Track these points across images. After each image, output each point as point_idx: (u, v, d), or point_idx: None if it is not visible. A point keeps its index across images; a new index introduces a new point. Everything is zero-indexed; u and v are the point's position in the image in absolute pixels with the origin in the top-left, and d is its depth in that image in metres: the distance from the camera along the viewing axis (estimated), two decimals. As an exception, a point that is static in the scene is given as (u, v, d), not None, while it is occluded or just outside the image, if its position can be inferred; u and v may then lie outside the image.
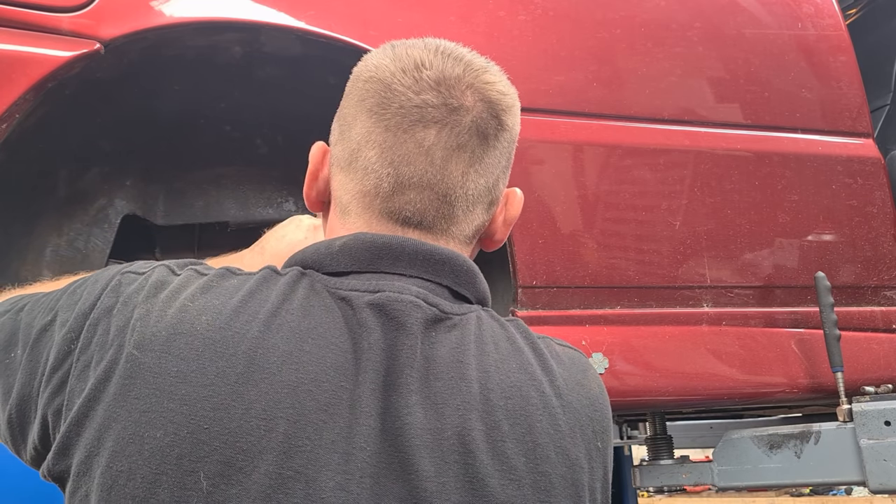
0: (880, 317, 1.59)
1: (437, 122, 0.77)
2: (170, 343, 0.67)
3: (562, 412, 0.74)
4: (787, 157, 1.56)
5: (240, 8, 1.27)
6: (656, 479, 1.68)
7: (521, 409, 0.71)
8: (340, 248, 0.76)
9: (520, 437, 0.70)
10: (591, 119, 1.45)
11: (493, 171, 0.82)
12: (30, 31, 1.16)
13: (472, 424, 0.68)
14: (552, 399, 0.74)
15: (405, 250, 0.76)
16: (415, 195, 0.78)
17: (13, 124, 1.15)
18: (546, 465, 0.70)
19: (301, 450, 0.64)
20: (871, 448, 1.40)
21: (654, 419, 1.85)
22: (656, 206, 1.47)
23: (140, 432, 0.63)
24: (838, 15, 1.67)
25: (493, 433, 0.69)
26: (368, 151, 0.78)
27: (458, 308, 0.77)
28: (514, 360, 0.75)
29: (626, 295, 1.43)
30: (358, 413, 0.67)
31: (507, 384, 0.72)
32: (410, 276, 0.76)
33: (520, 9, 1.43)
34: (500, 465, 0.68)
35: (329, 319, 0.71)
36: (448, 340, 0.73)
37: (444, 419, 0.68)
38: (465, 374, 0.71)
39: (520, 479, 0.68)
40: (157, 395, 0.64)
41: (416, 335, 0.71)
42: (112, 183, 1.47)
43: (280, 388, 0.65)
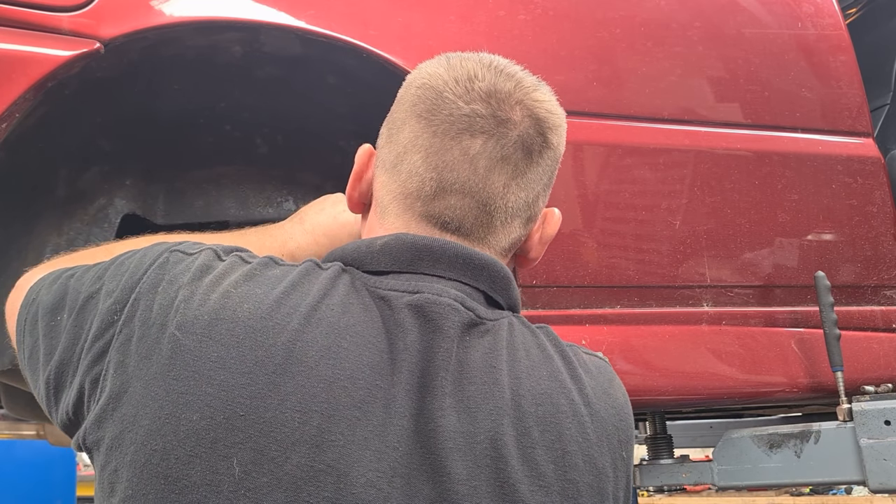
0: (880, 316, 1.59)
1: (485, 132, 0.78)
2: (211, 328, 0.68)
3: (590, 421, 0.75)
4: (787, 156, 1.56)
5: (240, 8, 1.27)
6: (656, 478, 1.68)
7: (552, 417, 0.72)
8: (381, 248, 0.77)
9: (549, 445, 0.71)
10: (591, 118, 1.45)
11: (535, 187, 0.83)
12: (29, 31, 1.16)
13: (504, 430, 0.69)
14: (581, 408, 0.75)
15: (445, 252, 0.77)
16: (455, 201, 0.79)
17: (13, 124, 1.15)
18: (574, 473, 0.71)
19: (333, 444, 0.64)
20: (871, 447, 1.40)
21: (654, 418, 1.86)
22: (656, 206, 1.47)
23: (177, 413, 0.64)
24: (838, 14, 1.67)
25: (523, 439, 0.70)
26: (414, 155, 0.80)
27: (491, 314, 0.78)
28: (544, 368, 0.76)
29: (625, 294, 1.43)
30: (392, 412, 0.67)
31: (537, 391, 0.73)
32: (449, 279, 0.77)
33: (520, 8, 1.43)
34: (530, 471, 0.69)
35: (367, 318, 0.72)
36: (481, 345, 0.74)
37: (477, 423, 0.69)
38: (498, 380, 0.72)
39: (549, 485, 0.69)
40: (195, 378, 0.66)
41: (453, 339, 0.72)
42: (112, 182, 1.47)
43: (316, 382, 0.66)
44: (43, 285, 0.84)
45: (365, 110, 1.52)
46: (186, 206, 1.53)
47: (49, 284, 0.83)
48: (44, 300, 0.81)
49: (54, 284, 0.82)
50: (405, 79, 0.87)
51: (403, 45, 1.33)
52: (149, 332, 0.69)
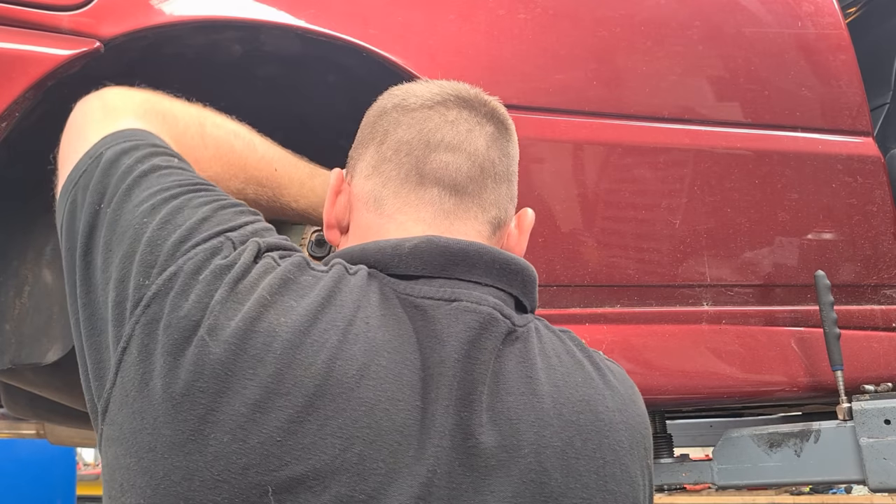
0: (880, 315, 1.59)
1: (458, 106, 0.83)
2: (245, 339, 0.62)
3: (623, 429, 0.73)
4: (787, 155, 1.56)
5: (240, 7, 1.27)
6: (656, 477, 1.68)
7: (592, 425, 0.70)
8: (411, 251, 0.74)
9: (591, 454, 0.69)
10: (590, 118, 1.45)
11: (510, 163, 0.85)
12: (29, 30, 1.16)
13: (548, 441, 0.67)
14: (615, 415, 0.73)
15: (482, 257, 0.75)
16: (446, 156, 0.80)
17: (13, 123, 1.15)
18: (613, 484, 0.69)
19: (375, 472, 0.61)
20: (870, 446, 1.40)
21: (654, 418, 1.85)
22: (656, 205, 1.47)
23: (204, 431, 0.59)
24: (838, 13, 1.67)
25: (567, 450, 0.68)
26: (397, 131, 0.82)
27: (521, 319, 0.76)
28: (578, 374, 0.74)
29: (625, 294, 1.43)
30: (431, 433, 0.64)
31: (576, 399, 0.71)
32: (486, 285, 0.74)
33: (520, 7, 1.43)
34: (574, 482, 0.67)
35: (402, 332, 0.68)
36: (514, 354, 0.71)
37: (520, 436, 0.66)
38: (536, 390, 0.69)
39: (591, 497, 0.67)
40: (226, 393, 0.60)
41: (491, 351, 0.69)
42: (112, 182, 1.47)
43: (357, 405, 0.62)
44: (115, 155, 0.77)
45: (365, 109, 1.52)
46: (186, 206, 1.53)
47: (120, 160, 0.76)
48: (109, 183, 0.74)
49: (124, 165, 0.76)
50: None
51: (403, 45, 1.33)
52: (179, 323, 0.63)
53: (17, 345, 1.33)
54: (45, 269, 1.39)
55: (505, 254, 0.77)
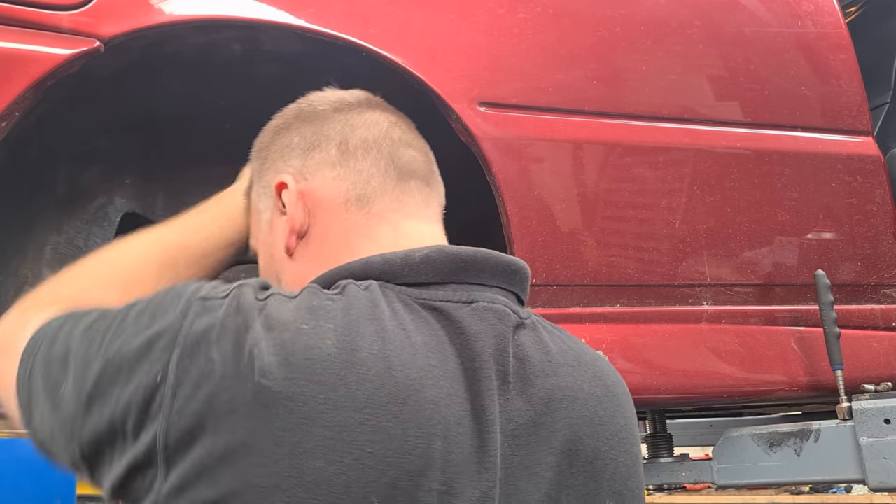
0: (880, 315, 1.59)
1: (382, 108, 0.92)
2: (305, 370, 0.64)
3: (626, 399, 0.83)
4: (787, 155, 1.56)
5: (239, 6, 1.27)
6: (656, 476, 1.69)
7: (606, 396, 0.79)
8: (423, 260, 0.77)
9: (610, 421, 0.77)
10: (590, 117, 1.45)
11: (429, 154, 0.94)
12: (29, 30, 1.16)
13: (578, 413, 0.74)
14: (619, 387, 0.83)
15: (489, 262, 0.80)
16: (410, 150, 0.88)
17: (13, 122, 1.15)
18: (629, 445, 0.78)
19: (452, 464, 0.65)
20: (870, 446, 1.40)
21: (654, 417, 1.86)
22: (656, 205, 1.47)
23: (298, 464, 0.61)
24: (838, 13, 1.67)
25: (594, 419, 0.75)
26: (357, 131, 0.88)
27: (524, 312, 0.81)
28: (584, 354, 0.82)
29: (625, 293, 1.43)
30: (484, 423, 0.69)
31: (591, 374, 0.79)
32: (493, 287, 0.79)
33: (520, 7, 1.43)
34: (603, 446, 0.75)
35: (435, 333, 0.72)
36: (529, 342, 0.77)
37: (554, 413, 0.73)
38: (558, 371, 0.76)
39: (617, 458, 0.75)
40: (307, 424, 0.62)
41: (510, 341, 0.75)
42: (112, 181, 1.47)
43: (426, 404, 0.66)
44: (46, 339, 0.76)
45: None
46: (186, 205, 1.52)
47: (55, 341, 0.75)
48: (56, 358, 0.72)
49: (61, 342, 0.74)
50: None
51: (403, 44, 1.33)
52: (220, 386, 0.63)
53: (17, 344, 1.33)
54: (44, 268, 1.39)
55: (505, 257, 0.82)
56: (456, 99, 1.34)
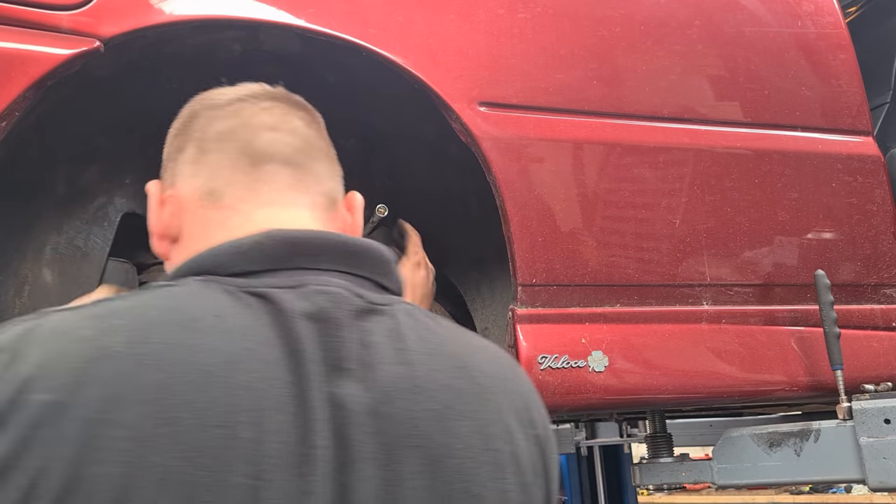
0: (880, 315, 1.59)
1: (268, 98, 0.87)
2: (83, 373, 0.57)
3: (502, 392, 0.73)
4: (787, 155, 1.56)
5: (239, 6, 1.27)
6: (656, 476, 1.69)
7: (470, 389, 0.70)
8: (252, 247, 0.72)
9: (472, 415, 0.68)
10: (590, 117, 1.45)
11: (330, 147, 0.88)
12: (29, 29, 1.16)
13: (423, 405, 0.66)
14: (493, 380, 0.73)
15: (326, 244, 0.74)
16: (271, 134, 0.82)
17: (13, 122, 1.15)
18: (496, 443, 0.69)
19: (265, 455, 0.58)
20: (870, 446, 1.40)
21: (654, 417, 1.86)
22: (656, 204, 1.47)
23: (84, 474, 0.54)
24: (838, 13, 1.67)
25: (446, 412, 0.67)
26: (214, 124, 0.84)
27: (384, 299, 0.74)
28: (452, 345, 0.74)
29: (625, 293, 1.43)
30: (306, 409, 0.62)
31: (452, 365, 0.71)
32: (332, 271, 0.73)
33: (520, 6, 1.43)
34: (457, 442, 0.66)
35: (256, 317, 0.66)
36: (380, 328, 0.70)
37: (394, 403, 0.65)
38: (409, 359, 0.69)
39: (475, 456, 0.67)
40: (92, 426, 0.56)
41: (349, 325, 0.68)
42: (112, 181, 1.47)
43: (235, 389, 0.60)
44: None
45: (365, 109, 1.52)
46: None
47: None
48: None
49: None
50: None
51: (403, 44, 1.33)
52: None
53: (17, 344, 1.33)
54: (44, 268, 1.39)
55: (349, 238, 0.76)
56: (456, 99, 1.34)
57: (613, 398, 1.39)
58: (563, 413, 1.50)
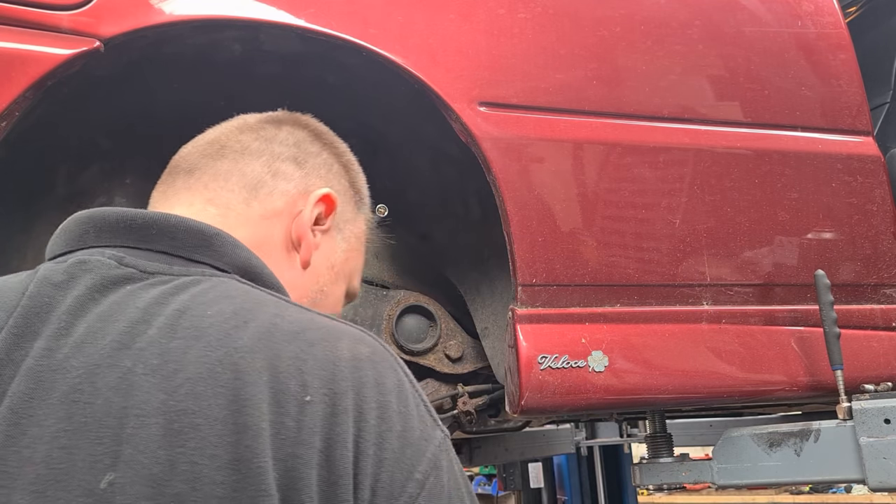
0: (880, 315, 1.59)
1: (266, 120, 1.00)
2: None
3: (265, 369, 0.63)
4: (787, 155, 1.56)
5: (240, 6, 1.27)
6: (656, 476, 1.69)
7: (222, 366, 0.61)
8: (59, 231, 0.75)
9: (209, 396, 0.61)
10: (590, 117, 1.45)
11: (267, 146, 0.92)
12: (29, 29, 1.16)
13: (132, 381, 0.61)
14: (253, 355, 0.63)
15: (107, 219, 0.74)
16: (185, 149, 0.92)
17: (13, 122, 1.15)
18: (244, 417, 0.60)
19: None
20: (870, 446, 1.40)
21: (654, 417, 1.85)
22: (656, 204, 1.47)
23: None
24: (838, 13, 1.67)
25: (200, 383, 0.60)
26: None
27: (171, 269, 0.70)
28: (218, 320, 0.65)
29: (625, 293, 1.43)
30: (15, 358, 0.63)
31: (213, 343, 0.63)
32: (116, 246, 0.71)
33: (520, 6, 1.43)
34: (189, 426, 0.59)
35: (10, 286, 0.69)
36: (131, 298, 0.66)
37: (99, 376, 0.61)
38: (148, 331, 0.63)
39: (222, 434, 0.59)
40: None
41: (97, 289, 0.67)
42: (112, 180, 1.47)
43: None
44: None
45: (365, 109, 1.52)
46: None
47: None
48: None
49: None
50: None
51: (403, 44, 1.33)
52: None
53: (17, 344, 1.33)
54: (44, 268, 1.39)
55: (135, 212, 0.74)
56: (456, 99, 1.34)
57: (613, 398, 1.39)
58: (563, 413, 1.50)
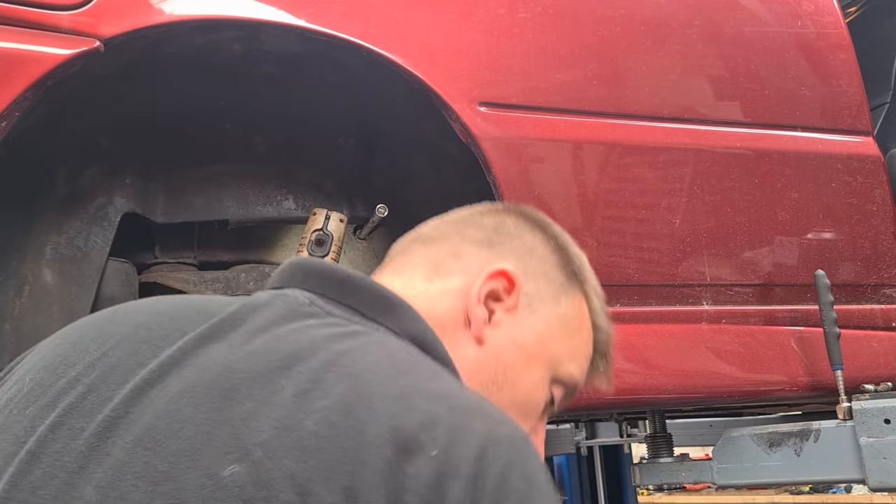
0: (880, 315, 1.59)
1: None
2: None
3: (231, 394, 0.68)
4: (787, 155, 1.56)
5: (239, 6, 1.27)
6: (656, 476, 1.69)
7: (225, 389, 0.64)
8: (276, 271, 0.83)
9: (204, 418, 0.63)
10: (590, 117, 1.45)
11: (473, 221, 0.93)
12: (29, 29, 1.16)
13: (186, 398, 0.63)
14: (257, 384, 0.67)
15: (314, 268, 0.80)
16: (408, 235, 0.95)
17: (13, 122, 1.15)
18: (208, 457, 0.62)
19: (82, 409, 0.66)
20: (870, 446, 1.40)
21: (654, 417, 1.86)
22: (656, 204, 1.47)
23: None
24: (838, 13, 1.67)
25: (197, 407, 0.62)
26: None
27: (359, 321, 0.73)
28: (286, 350, 0.67)
29: (625, 293, 1.43)
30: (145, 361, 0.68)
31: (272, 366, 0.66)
32: (315, 292, 0.76)
33: (520, 6, 1.43)
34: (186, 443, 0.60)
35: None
36: (315, 332, 0.69)
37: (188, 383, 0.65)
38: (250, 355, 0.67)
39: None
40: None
41: (271, 312, 0.71)
42: (112, 181, 1.47)
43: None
44: None
45: (365, 109, 1.52)
46: (186, 205, 1.53)
47: None
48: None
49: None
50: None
51: (403, 44, 1.33)
52: None
53: (17, 344, 1.33)
54: (44, 268, 1.39)
55: (347, 271, 0.79)
56: (456, 99, 1.34)
57: (613, 398, 1.39)
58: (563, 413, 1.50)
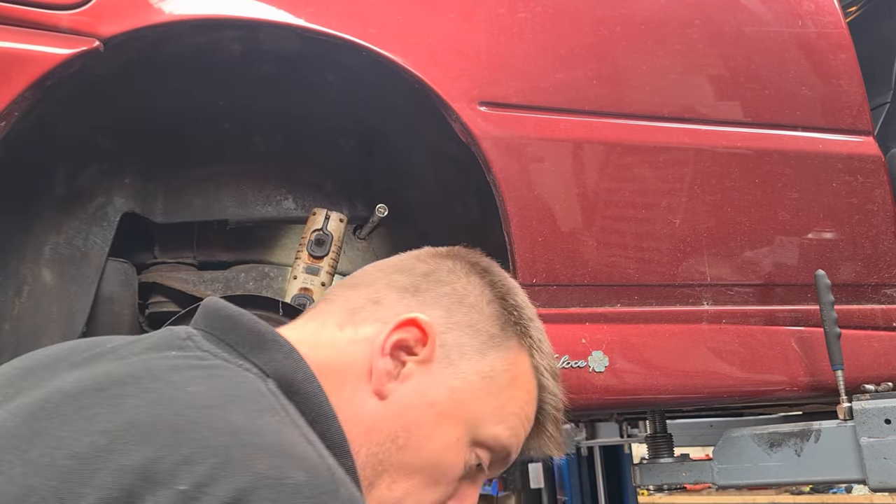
0: (880, 315, 1.59)
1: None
2: None
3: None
4: (788, 154, 1.56)
5: (239, 5, 1.26)
6: (656, 477, 1.68)
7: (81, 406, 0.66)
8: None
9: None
10: (590, 117, 1.45)
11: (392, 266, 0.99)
12: (29, 29, 1.16)
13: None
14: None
15: (211, 308, 0.82)
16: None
17: (12, 122, 1.15)
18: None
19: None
20: (871, 446, 1.40)
21: (654, 417, 1.85)
22: (656, 204, 1.47)
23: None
24: (839, 12, 1.67)
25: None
26: None
27: (225, 357, 0.74)
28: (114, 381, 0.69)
29: (625, 293, 1.43)
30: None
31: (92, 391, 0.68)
32: (205, 331, 0.78)
33: (520, 6, 1.43)
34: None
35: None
36: (167, 360, 0.71)
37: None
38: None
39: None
40: None
41: (144, 344, 0.75)
42: (111, 181, 1.47)
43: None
44: None
45: (364, 108, 1.52)
46: (185, 205, 1.53)
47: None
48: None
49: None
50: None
51: (403, 44, 1.33)
52: None
53: (16, 344, 1.33)
54: (44, 268, 1.39)
55: (232, 309, 0.81)
56: (456, 99, 1.34)
57: (614, 398, 1.39)
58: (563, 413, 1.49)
